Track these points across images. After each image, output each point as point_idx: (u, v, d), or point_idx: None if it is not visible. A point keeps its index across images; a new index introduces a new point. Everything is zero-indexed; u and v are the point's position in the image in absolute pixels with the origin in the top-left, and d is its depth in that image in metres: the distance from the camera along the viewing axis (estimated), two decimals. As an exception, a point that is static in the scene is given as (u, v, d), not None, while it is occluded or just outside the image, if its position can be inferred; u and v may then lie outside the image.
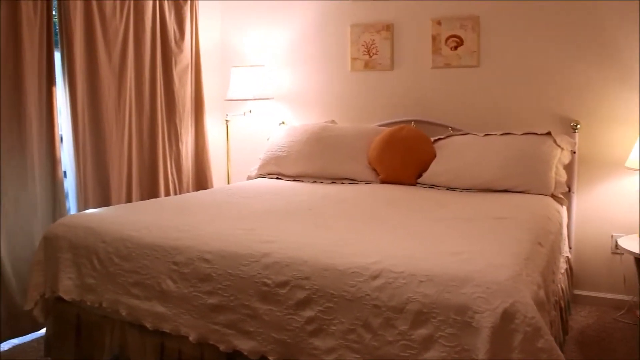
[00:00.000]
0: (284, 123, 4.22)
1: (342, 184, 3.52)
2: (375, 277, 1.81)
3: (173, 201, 2.98)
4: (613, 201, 3.38)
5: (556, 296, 2.36)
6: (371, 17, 3.94)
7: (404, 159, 3.41)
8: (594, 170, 3.41)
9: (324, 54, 4.12)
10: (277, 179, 3.73)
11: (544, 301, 1.84)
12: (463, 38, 3.67)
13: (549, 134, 3.26)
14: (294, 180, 3.66)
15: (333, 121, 4.03)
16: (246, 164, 4.22)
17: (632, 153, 3.09)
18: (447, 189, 3.26)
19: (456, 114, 3.71)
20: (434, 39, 3.75)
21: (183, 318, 2.13)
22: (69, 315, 2.56)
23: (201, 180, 4.19)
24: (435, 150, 3.45)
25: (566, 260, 2.98)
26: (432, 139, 3.53)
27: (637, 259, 3.06)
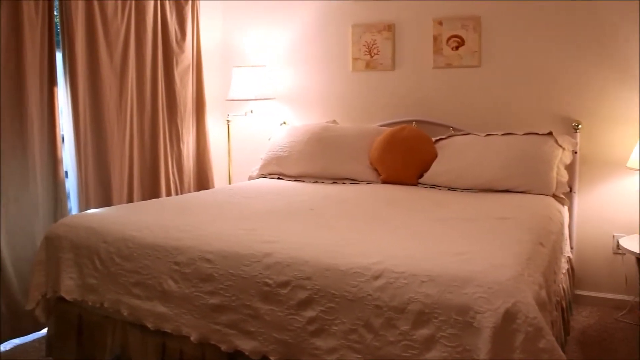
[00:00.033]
0: (285, 123, 4.22)
1: (344, 184, 3.52)
2: (376, 277, 1.81)
3: (174, 201, 2.99)
4: (614, 201, 3.37)
5: (557, 296, 2.36)
6: (372, 17, 3.94)
7: (405, 159, 3.41)
8: (595, 171, 3.41)
9: (325, 54, 4.12)
10: (279, 179, 3.73)
11: (545, 301, 1.84)
12: (464, 38, 3.67)
13: (550, 134, 3.26)
14: (295, 180, 3.66)
15: (334, 121, 4.04)
16: (247, 164, 4.22)
17: (634, 153, 3.09)
18: (449, 189, 3.26)
19: (457, 114, 3.71)
20: (435, 39, 3.75)
21: (184, 318, 2.13)
22: (70, 315, 2.56)
23: (202, 181, 4.19)
24: (437, 150, 3.45)
25: (567, 261, 2.97)
26: (434, 139, 3.53)
27: (639, 259, 3.06)
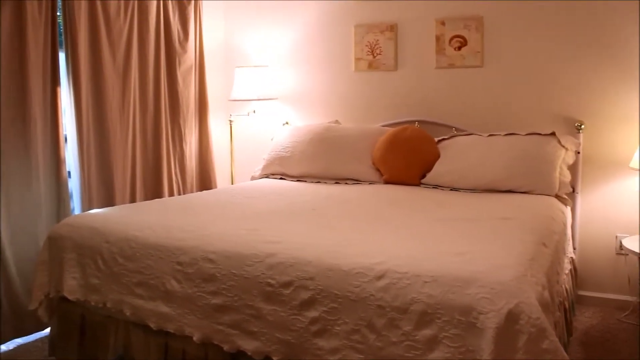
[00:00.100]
0: (287, 123, 4.23)
1: (346, 184, 3.52)
2: (379, 278, 1.81)
3: (177, 201, 2.99)
4: (617, 202, 3.37)
5: (560, 297, 2.35)
6: (375, 18, 3.93)
7: (408, 160, 3.40)
8: (598, 171, 3.40)
9: (327, 54, 4.12)
10: (281, 179, 3.73)
11: (548, 302, 1.83)
12: (467, 38, 3.66)
13: (553, 134, 3.26)
14: (297, 180, 3.66)
15: (337, 121, 4.03)
16: (250, 164, 4.22)
17: (637, 153, 3.08)
18: (451, 190, 3.26)
19: (460, 114, 3.71)
20: (437, 39, 3.74)
21: (187, 318, 2.13)
22: (73, 315, 2.57)
23: (205, 181, 4.19)
24: (439, 150, 3.45)
25: (570, 261, 2.97)
26: (436, 140, 3.52)
27: (642, 259, 3.06)
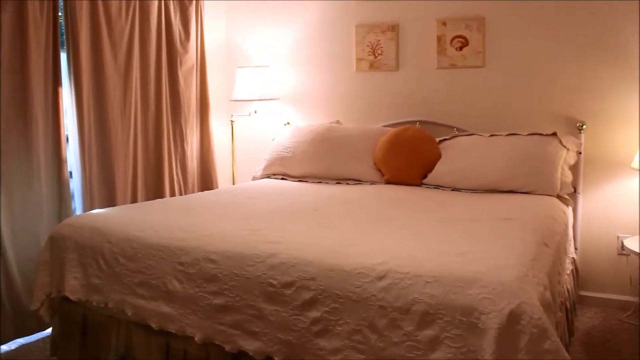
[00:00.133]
0: (289, 123, 4.23)
1: (347, 184, 3.52)
2: (381, 278, 1.81)
3: (178, 201, 2.99)
4: (619, 202, 3.37)
5: (562, 297, 2.35)
6: (376, 18, 3.93)
7: (409, 160, 3.40)
8: (599, 171, 3.40)
9: (329, 54, 4.12)
10: (282, 179, 3.73)
11: (550, 302, 1.83)
12: (468, 38, 3.66)
13: (554, 134, 3.25)
14: (299, 180, 3.66)
15: (338, 122, 4.03)
16: (251, 164, 4.22)
17: (638, 153, 3.08)
18: (453, 190, 3.26)
19: (461, 114, 3.71)
20: (439, 39, 3.74)
21: (189, 318, 2.13)
22: (74, 315, 2.57)
23: (206, 181, 4.19)
24: (441, 150, 3.45)
25: (572, 261, 2.97)
26: (438, 140, 3.52)
27: (644, 260, 3.06)
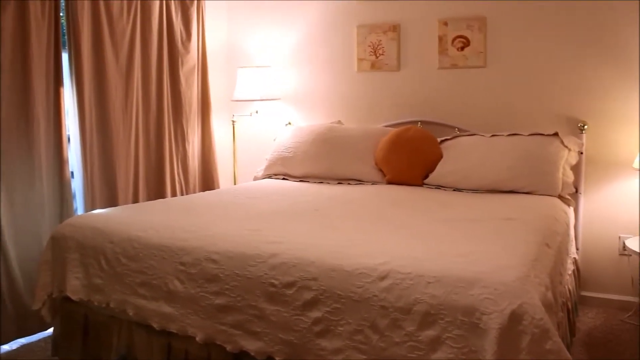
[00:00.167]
0: (290, 124, 4.23)
1: (349, 184, 3.52)
2: (382, 278, 1.81)
3: (180, 202, 2.99)
4: (620, 202, 3.36)
5: (563, 297, 2.35)
6: (378, 18, 3.93)
7: (411, 160, 3.40)
8: (601, 171, 3.39)
9: (330, 54, 4.12)
10: (284, 179, 3.73)
11: (551, 302, 1.83)
12: (470, 38, 3.66)
13: (556, 134, 3.25)
14: (300, 180, 3.66)
15: (339, 122, 4.03)
16: (252, 164, 4.22)
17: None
18: (454, 190, 3.25)
19: (463, 114, 3.70)
20: (440, 39, 3.74)
21: (190, 318, 2.14)
22: (76, 315, 2.57)
23: (207, 181, 4.20)
24: (442, 151, 3.45)
25: (573, 262, 2.96)
26: (439, 140, 3.52)
27: (645, 260, 3.05)
